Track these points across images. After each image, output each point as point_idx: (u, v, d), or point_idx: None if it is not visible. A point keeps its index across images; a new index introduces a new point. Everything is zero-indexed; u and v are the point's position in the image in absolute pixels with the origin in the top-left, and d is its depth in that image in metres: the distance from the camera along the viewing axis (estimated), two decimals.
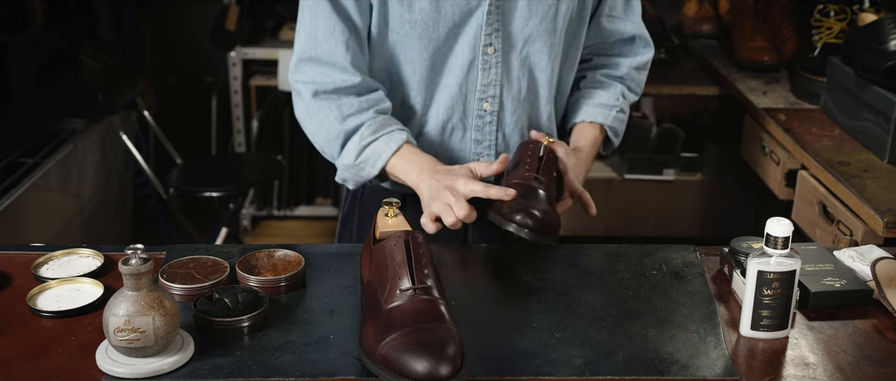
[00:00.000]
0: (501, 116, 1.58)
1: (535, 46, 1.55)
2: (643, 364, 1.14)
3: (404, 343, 1.07)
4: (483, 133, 1.58)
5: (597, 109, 1.65)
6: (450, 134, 1.59)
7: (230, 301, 1.21)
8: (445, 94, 1.55)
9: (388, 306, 1.13)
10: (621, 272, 1.38)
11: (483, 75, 1.54)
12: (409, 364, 1.05)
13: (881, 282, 1.30)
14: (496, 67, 1.54)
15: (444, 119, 1.57)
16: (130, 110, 3.30)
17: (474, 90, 1.55)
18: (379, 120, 1.50)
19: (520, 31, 1.53)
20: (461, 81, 1.54)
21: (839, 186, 1.98)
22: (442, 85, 1.55)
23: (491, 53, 1.52)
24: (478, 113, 1.57)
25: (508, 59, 1.54)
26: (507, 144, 1.61)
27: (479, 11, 1.50)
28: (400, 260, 1.16)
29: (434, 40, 1.51)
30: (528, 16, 1.52)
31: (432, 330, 1.09)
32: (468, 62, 1.53)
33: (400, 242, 1.18)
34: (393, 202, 1.29)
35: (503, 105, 1.57)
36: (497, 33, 1.51)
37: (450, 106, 1.56)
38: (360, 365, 1.13)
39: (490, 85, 1.55)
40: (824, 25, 2.54)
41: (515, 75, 1.56)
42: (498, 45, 1.52)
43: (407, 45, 1.52)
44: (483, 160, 1.58)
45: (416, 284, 1.14)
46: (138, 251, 1.09)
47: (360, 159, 1.50)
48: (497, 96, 1.56)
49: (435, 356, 1.05)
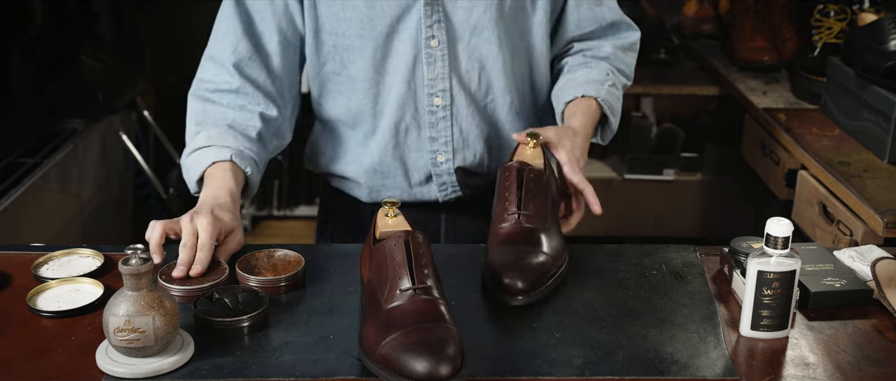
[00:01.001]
0: (455, 111, 1.55)
1: (483, 37, 1.52)
2: (643, 364, 1.14)
3: (404, 343, 1.07)
4: (437, 130, 1.56)
5: (585, 84, 1.58)
6: (405, 134, 1.57)
7: (230, 301, 1.21)
8: (394, 92, 1.53)
9: (388, 306, 1.13)
10: (621, 272, 1.38)
11: (429, 69, 1.52)
12: (409, 364, 1.05)
13: (881, 282, 1.30)
14: (442, 59, 1.51)
15: (397, 119, 1.55)
16: (130, 110, 3.30)
17: (423, 86, 1.53)
18: (220, 132, 1.47)
19: (464, 21, 1.50)
20: (408, 77, 1.52)
21: (839, 186, 1.98)
22: (389, 84, 1.54)
23: (435, 46, 1.50)
24: (429, 109, 1.55)
25: (455, 51, 1.52)
26: (465, 141, 1.58)
27: (418, 4, 1.48)
28: (400, 260, 1.16)
29: (373, 38, 1.49)
30: (470, 6, 1.50)
31: (432, 330, 1.09)
32: (412, 57, 1.51)
33: (400, 242, 1.18)
34: (393, 202, 1.29)
35: (455, 99, 1.55)
36: (439, 25, 1.49)
37: (400, 105, 1.54)
38: (360, 365, 1.13)
39: (437, 79, 1.52)
40: (824, 25, 2.54)
41: (464, 68, 1.53)
42: (441, 37, 1.50)
43: (347, 46, 1.51)
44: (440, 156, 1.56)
45: (415, 284, 1.14)
46: (138, 251, 1.09)
47: (187, 163, 1.48)
48: (447, 90, 1.53)
49: (435, 356, 1.05)
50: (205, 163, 1.44)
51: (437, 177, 1.61)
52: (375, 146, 1.59)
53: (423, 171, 1.61)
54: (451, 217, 1.66)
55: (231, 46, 1.51)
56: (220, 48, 1.52)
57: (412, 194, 1.63)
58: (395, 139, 1.58)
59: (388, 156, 1.59)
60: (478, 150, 1.60)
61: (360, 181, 1.63)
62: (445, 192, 1.62)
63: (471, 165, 1.60)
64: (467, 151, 1.59)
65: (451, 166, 1.60)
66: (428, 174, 1.61)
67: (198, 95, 1.53)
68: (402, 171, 1.61)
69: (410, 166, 1.61)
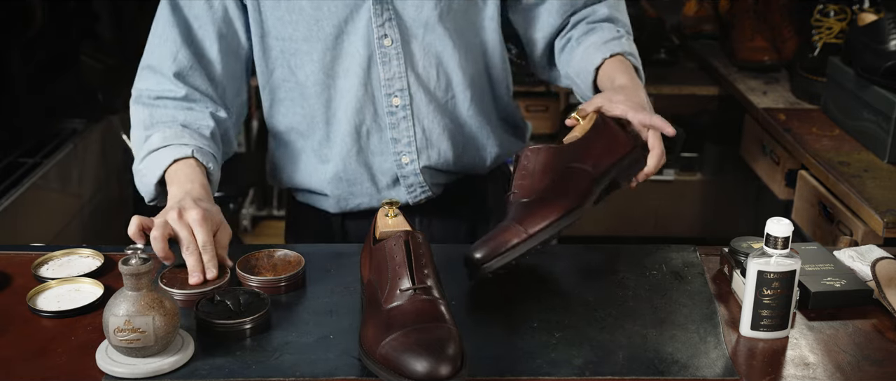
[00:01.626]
0: (415, 110, 1.52)
1: (437, 33, 1.49)
2: (643, 364, 1.14)
3: (404, 343, 1.07)
4: (399, 130, 1.53)
5: (604, 46, 1.52)
6: (367, 138, 1.54)
7: (231, 303, 1.21)
8: (350, 96, 1.50)
9: (388, 306, 1.13)
10: (621, 272, 1.38)
11: (384, 69, 1.48)
12: (409, 364, 1.05)
13: (881, 282, 1.30)
14: (397, 58, 1.48)
15: (356, 123, 1.52)
16: None
17: (380, 86, 1.50)
18: (174, 131, 1.43)
19: (415, 18, 1.47)
20: (363, 79, 1.49)
21: (839, 186, 1.98)
22: (343, 87, 1.50)
23: (389, 45, 1.47)
24: (389, 110, 1.51)
25: (410, 49, 1.49)
26: (429, 140, 1.55)
27: (366, 3, 1.44)
28: (400, 260, 1.16)
29: (321, 40, 1.46)
30: (419, 2, 1.46)
31: (432, 330, 1.09)
32: (366, 58, 1.47)
33: (400, 242, 1.18)
34: (393, 202, 1.29)
35: (414, 98, 1.51)
36: (390, 23, 1.46)
37: (358, 108, 1.50)
38: (360, 365, 1.13)
39: (394, 78, 1.49)
40: (824, 25, 2.54)
41: (422, 65, 1.50)
42: (394, 35, 1.47)
43: (294, 51, 1.48)
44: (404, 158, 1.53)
45: (415, 284, 1.14)
46: (138, 251, 1.09)
47: (142, 165, 1.43)
48: (405, 89, 1.50)
49: (435, 355, 1.05)
50: (165, 162, 1.39)
51: (404, 179, 1.57)
52: (337, 154, 1.55)
53: (390, 174, 1.57)
54: (425, 221, 1.63)
55: (170, 55, 1.46)
56: (159, 58, 1.47)
57: (381, 199, 1.57)
58: (357, 144, 1.54)
59: (351, 162, 1.56)
60: (442, 148, 1.56)
61: (326, 192, 1.59)
62: (415, 193, 1.59)
63: (437, 163, 1.57)
64: (431, 150, 1.56)
65: (416, 167, 1.56)
66: (394, 177, 1.58)
67: (141, 102, 1.49)
68: (368, 176, 1.57)
69: (376, 171, 1.57)
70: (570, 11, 1.60)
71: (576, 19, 1.61)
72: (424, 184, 1.58)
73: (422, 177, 1.57)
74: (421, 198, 1.60)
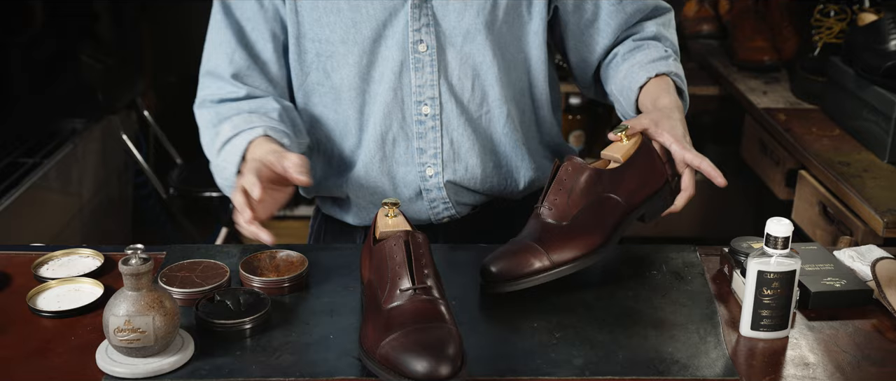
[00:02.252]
0: (445, 121, 1.47)
1: (476, 43, 1.44)
2: (643, 364, 1.14)
3: (404, 343, 1.07)
4: (426, 141, 1.48)
5: (650, 65, 1.48)
6: (392, 146, 1.49)
7: (231, 303, 1.21)
8: (380, 101, 1.46)
9: (388, 306, 1.13)
10: (621, 272, 1.38)
11: (416, 76, 1.44)
12: (409, 364, 1.05)
13: (881, 282, 1.30)
14: (431, 65, 1.44)
15: (383, 129, 1.47)
16: (130, 110, 3.31)
17: (410, 93, 1.45)
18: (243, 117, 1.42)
19: (455, 25, 1.43)
20: (394, 84, 1.44)
21: (839, 186, 1.98)
22: (375, 92, 1.46)
23: (423, 51, 1.43)
24: (417, 118, 1.47)
25: (445, 58, 1.44)
26: (456, 153, 1.49)
27: (405, 7, 1.41)
28: (400, 260, 1.16)
29: (359, 44, 1.43)
30: (462, 9, 1.42)
31: (432, 330, 1.08)
32: (399, 63, 1.43)
33: (400, 242, 1.17)
34: (393, 203, 1.29)
35: (444, 108, 1.47)
36: (428, 28, 1.42)
37: (386, 113, 1.46)
38: (360, 365, 1.13)
39: (426, 86, 1.45)
40: (824, 25, 2.54)
41: (456, 75, 1.46)
42: (430, 41, 1.43)
43: (331, 53, 1.45)
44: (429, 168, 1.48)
45: (415, 284, 1.14)
46: (138, 251, 1.09)
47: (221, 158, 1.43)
48: (436, 98, 1.46)
49: (435, 356, 1.05)
50: (241, 147, 1.39)
51: (427, 192, 1.51)
52: (361, 160, 1.51)
53: (412, 186, 1.52)
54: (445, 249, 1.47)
55: (227, 58, 1.46)
56: (217, 62, 1.47)
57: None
58: (381, 152, 1.50)
59: (374, 170, 1.51)
60: (470, 163, 1.51)
61: (351, 199, 1.55)
62: (436, 210, 1.53)
63: (462, 179, 1.51)
64: (458, 163, 1.50)
65: (440, 180, 1.50)
66: (417, 190, 1.52)
67: (205, 107, 1.49)
68: (390, 186, 1.52)
69: (398, 181, 1.52)
70: (623, 30, 1.55)
71: (622, 36, 1.56)
72: (448, 200, 1.52)
73: (445, 192, 1.51)
74: (443, 216, 1.54)
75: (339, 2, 1.41)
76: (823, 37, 2.53)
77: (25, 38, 2.73)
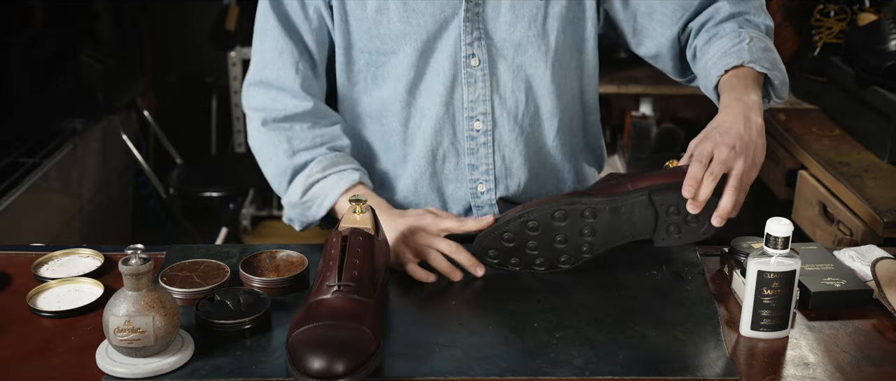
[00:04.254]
0: (497, 136, 1.45)
1: (528, 55, 1.41)
2: (643, 364, 1.14)
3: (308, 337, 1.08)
4: (477, 157, 1.45)
5: (720, 59, 1.36)
6: (442, 162, 1.47)
7: (231, 303, 1.21)
8: (430, 116, 1.43)
9: (313, 298, 1.16)
10: (621, 272, 1.38)
11: (469, 91, 1.41)
12: (305, 359, 1.06)
13: (881, 282, 1.30)
14: (483, 80, 1.41)
15: (434, 145, 1.45)
16: (130, 110, 3.31)
17: (462, 109, 1.43)
18: (331, 157, 1.40)
19: (506, 38, 1.40)
20: (446, 99, 1.42)
21: (839, 186, 1.98)
22: (424, 106, 1.43)
23: (475, 65, 1.40)
24: (469, 134, 1.44)
25: (496, 71, 1.41)
26: (508, 169, 1.47)
27: (456, 20, 1.38)
28: (334, 256, 1.18)
29: (409, 56, 1.39)
30: (513, 21, 1.39)
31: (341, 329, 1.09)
32: (451, 78, 1.41)
33: (339, 238, 1.19)
34: (360, 200, 1.28)
35: (497, 123, 1.44)
36: (479, 42, 1.39)
37: (437, 129, 1.44)
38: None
39: (478, 101, 1.42)
40: (824, 25, 2.54)
41: (508, 88, 1.43)
42: (482, 55, 1.40)
43: (380, 65, 1.42)
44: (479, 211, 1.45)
45: (340, 281, 1.15)
46: (138, 251, 1.09)
47: (307, 197, 1.40)
48: (488, 113, 1.43)
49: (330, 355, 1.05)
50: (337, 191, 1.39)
51: (478, 209, 1.49)
52: (409, 176, 1.48)
53: (462, 202, 1.49)
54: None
55: (293, 67, 1.41)
56: (281, 72, 1.42)
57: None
58: (431, 168, 1.46)
59: (424, 186, 1.48)
60: (522, 178, 1.48)
61: None
62: None
63: (514, 194, 1.49)
64: (511, 179, 1.48)
65: (492, 197, 1.48)
66: (467, 206, 1.50)
67: (270, 127, 1.43)
68: (439, 203, 1.50)
69: (448, 198, 1.49)
70: (686, 16, 1.45)
71: (698, 24, 1.45)
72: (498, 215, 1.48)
73: (497, 208, 1.49)
74: None
75: (390, 13, 1.38)
76: (823, 37, 2.53)
77: (25, 38, 2.73)
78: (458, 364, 1.13)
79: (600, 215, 1.29)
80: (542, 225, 1.28)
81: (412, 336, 1.19)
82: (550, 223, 1.28)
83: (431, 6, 1.37)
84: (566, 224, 1.28)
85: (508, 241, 1.29)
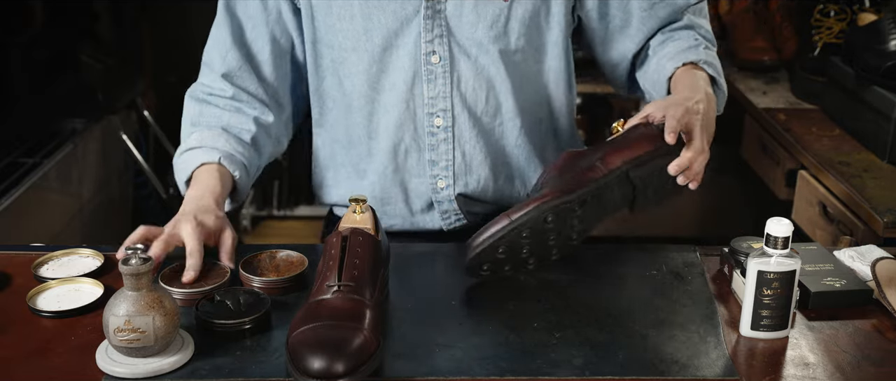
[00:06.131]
0: (457, 133, 1.47)
1: (490, 54, 1.43)
2: (643, 364, 1.14)
3: (308, 337, 1.08)
4: (438, 153, 1.48)
5: (678, 55, 1.43)
6: (404, 157, 1.49)
7: (231, 303, 1.21)
8: (393, 111, 1.46)
9: (314, 298, 1.16)
10: (621, 272, 1.38)
11: (429, 87, 1.43)
12: (305, 359, 1.06)
13: (881, 282, 1.30)
14: (443, 77, 1.43)
15: (396, 140, 1.47)
16: (130, 110, 3.30)
17: (422, 105, 1.45)
18: (211, 132, 1.45)
19: (469, 37, 1.41)
20: (407, 95, 1.44)
21: (839, 186, 1.98)
22: (386, 102, 1.46)
23: (435, 62, 1.42)
24: (429, 130, 1.46)
25: (458, 69, 1.43)
26: (468, 165, 1.49)
27: (417, 18, 1.40)
28: (334, 256, 1.18)
29: (368, 52, 1.42)
30: (475, 20, 1.41)
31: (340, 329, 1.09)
32: (411, 74, 1.43)
33: (339, 238, 1.20)
34: (361, 199, 1.28)
35: (457, 120, 1.46)
36: (441, 40, 1.41)
37: (399, 124, 1.46)
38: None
39: (438, 97, 1.44)
40: (824, 25, 2.54)
41: (470, 86, 1.44)
42: (443, 52, 1.41)
43: (343, 60, 1.45)
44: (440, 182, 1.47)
45: (340, 281, 1.16)
46: (138, 251, 1.09)
47: (176, 167, 1.46)
48: (448, 110, 1.45)
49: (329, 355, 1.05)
50: (193, 164, 1.42)
51: (439, 204, 1.52)
52: (374, 171, 1.51)
53: (424, 197, 1.53)
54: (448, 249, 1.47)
55: (220, 56, 1.48)
56: (212, 57, 1.49)
57: (414, 223, 1.55)
58: (394, 163, 1.50)
59: (387, 181, 1.52)
60: (482, 175, 1.51)
61: None
62: (449, 220, 1.54)
63: (474, 191, 1.51)
64: (470, 176, 1.50)
65: (451, 193, 1.51)
66: (429, 201, 1.53)
67: (194, 97, 1.51)
68: (402, 197, 1.53)
69: (411, 193, 1.53)
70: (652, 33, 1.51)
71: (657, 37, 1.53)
72: (459, 212, 1.53)
73: (456, 204, 1.51)
74: (456, 225, 1.55)
75: (353, 9, 1.41)
76: (823, 37, 2.53)
77: (25, 38, 2.73)
78: (458, 364, 1.13)
79: (587, 206, 1.29)
80: (534, 230, 1.26)
81: (412, 336, 1.20)
82: (542, 227, 1.27)
83: (393, 3, 1.40)
84: (556, 224, 1.27)
85: (502, 253, 1.27)
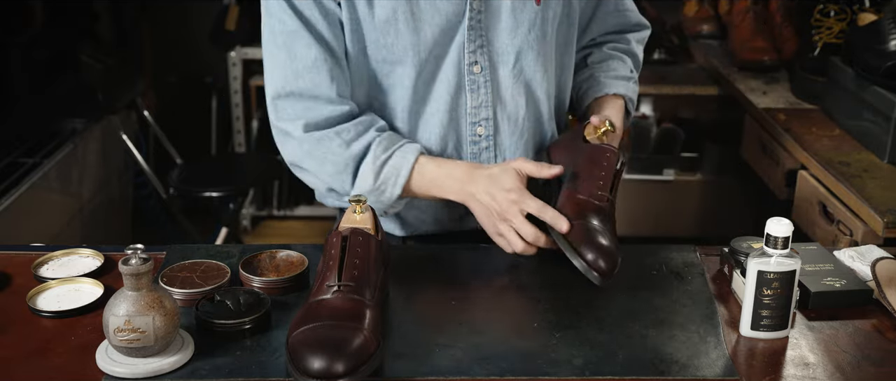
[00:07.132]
0: (499, 141, 1.48)
1: (528, 59, 1.45)
2: (643, 364, 1.14)
3: (308, 337, 1.08)
4: (480, 161, 1.48)
5: (616, 80, 1.57)
6: None
7: (231, 303, 1.21)
8: (435, 122, 1.45)
9: (314, 298, 1.16)
10: (621, 272, 1.37)
11: (472, 97, 1.44)
12: (305, 359, 1.06)
13: (881, 282, 1.30)
14: (485, 86, 1.44)
15: (438, 150, 1.47)
16: (130, 110, 3.31)
17: (465, 115, 1.45)
18: (386, 136, 1.41)
19: (508, 44, 1.43)
20: (450, 106, 1.44)
21: (839, 186, 1.98)
22: (429, 112, 1.45)
23: (477, 72, 1.43)
24: (472, 139, 1.47)
25: (497, 77, 1.45)
26: None
27: (461, 28, 1.40)
28: (334, 256, 1.18)
29: (416, 66, 1.41)
30: (514, 27, 1.42)
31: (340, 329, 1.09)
32: (455, 85, 1.43)
33: (339, 238, 1.20)
34: (360, 200, 1.28)
35: (499, 128, 1.48)
36: (482, 50, 1.42)
37: (441, 135, 1.46)
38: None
39: (481, 107, 1.45)
40: (824, 25, 2.54)
41: (509, 93, 1.46)
42: (484, 62, 1.43)
43: (388, 73, 1.43)
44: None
45: (340, 281, 1.16)
46: (138, 251, 1.09)
47: (380, 181, 1.39)
48: (490, 119, 1.46)
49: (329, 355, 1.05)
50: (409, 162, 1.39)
51: None
52: None
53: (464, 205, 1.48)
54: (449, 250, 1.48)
55: (327, 76, 1.38)
56: (314, 81, 1.38)
57: (452, 226, 1.55)
58: None
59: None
60: None
61: (401, 213, 1.53)
62: None
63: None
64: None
65: None
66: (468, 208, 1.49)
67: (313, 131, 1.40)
68: (445, 204, 1.50)
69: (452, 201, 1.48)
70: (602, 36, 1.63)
71: (601, 40, 1.63)
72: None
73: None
74: None
75: (398, 24, 1.38)
76: (823, 37, 2.53)
77: (25, 38, 2.73)
78: (458, 364, 1.13)
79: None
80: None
81: (412, 336, 1.20)
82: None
83: (437, 16, 1.39)
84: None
85: None
